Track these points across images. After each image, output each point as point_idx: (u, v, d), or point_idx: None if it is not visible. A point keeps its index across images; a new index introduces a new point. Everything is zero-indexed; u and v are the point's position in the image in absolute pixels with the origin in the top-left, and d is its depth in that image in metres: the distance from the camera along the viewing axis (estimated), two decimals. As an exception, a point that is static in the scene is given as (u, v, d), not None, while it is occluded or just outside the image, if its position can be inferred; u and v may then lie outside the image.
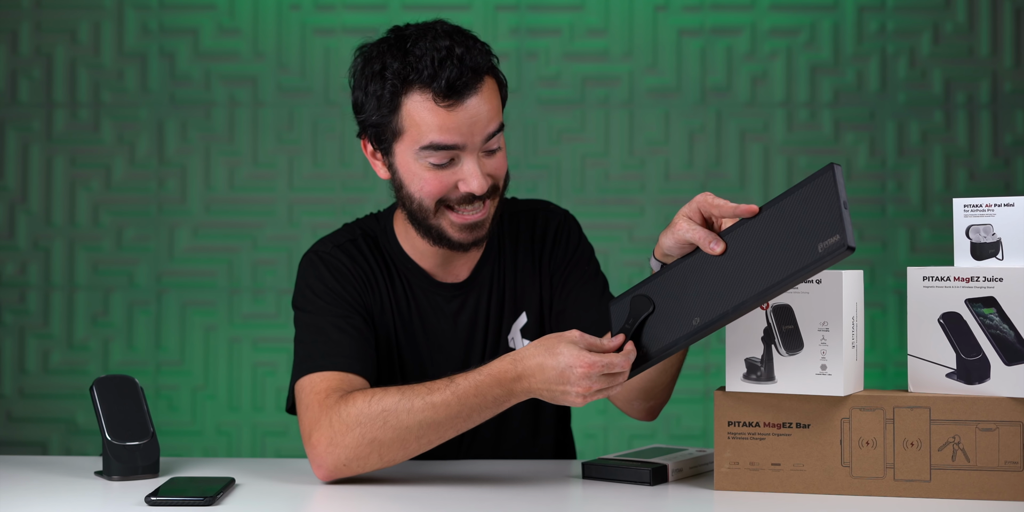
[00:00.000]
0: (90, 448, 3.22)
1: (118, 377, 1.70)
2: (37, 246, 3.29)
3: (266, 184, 3.29)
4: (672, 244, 1.50)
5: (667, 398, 1.75)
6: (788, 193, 1.41)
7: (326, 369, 1.67)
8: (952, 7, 3.28)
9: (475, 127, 1.66)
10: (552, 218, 1.89)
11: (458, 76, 1.64)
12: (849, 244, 1.32)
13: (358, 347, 1.71)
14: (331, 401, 1.61)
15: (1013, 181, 3.28)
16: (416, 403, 1.56)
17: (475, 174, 1.67)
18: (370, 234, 1.85)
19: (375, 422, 1.56)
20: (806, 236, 1.37)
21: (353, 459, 1.58)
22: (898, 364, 3.25)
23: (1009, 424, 1.46)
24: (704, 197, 1.48)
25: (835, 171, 1.36)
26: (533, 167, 3.30)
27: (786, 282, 1.38)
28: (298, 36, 3.30)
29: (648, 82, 3.30)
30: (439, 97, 1.64)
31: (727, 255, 1.45)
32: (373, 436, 1.56)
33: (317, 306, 1.76)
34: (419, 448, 1.58)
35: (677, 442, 3.20)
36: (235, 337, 3.28)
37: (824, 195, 1.36)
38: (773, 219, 1.41)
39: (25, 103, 3.29)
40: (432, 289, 1.83)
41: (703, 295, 1.45)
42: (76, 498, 1.54)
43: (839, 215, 1.34)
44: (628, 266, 3.22)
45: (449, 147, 1.66)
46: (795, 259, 1.37)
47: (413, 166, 1.69)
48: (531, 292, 1.85)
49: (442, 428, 1.56)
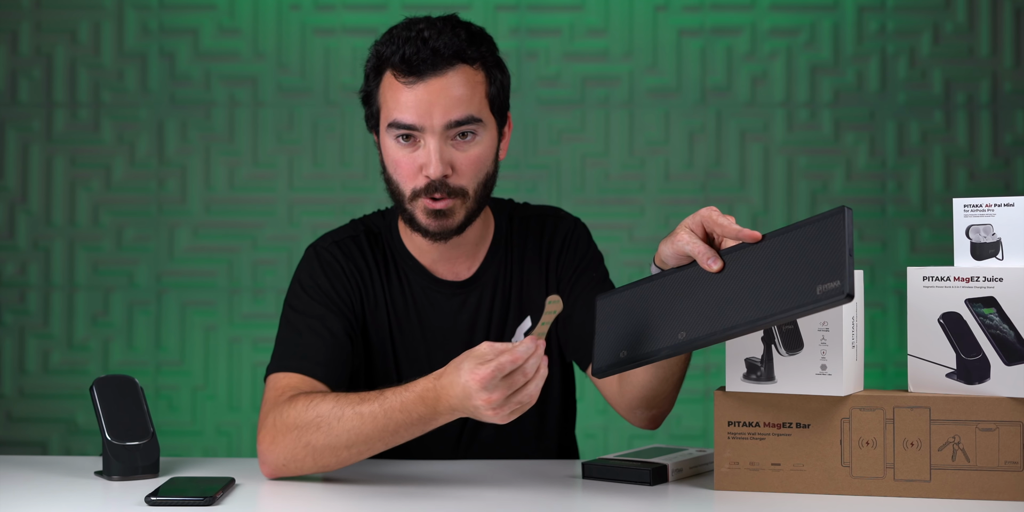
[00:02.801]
0: (90, 448, 3.22)
1: (118, 377, 1.70)
2: (37, 246, 3.29)
3: (266, 184, 3.29)
4: (670, 253, 1.50)
5: (670, 407, 1.74)
6: (795, 227, 1.40)
7: (291, 370, 1.70)
8: (952, 7, 3.28)
9: (433, 108, 1.67)
10: (562, 225, 1.89)
11: (415, 52, 1.66)
12: (847, 291, 1.31)
13: (328, 352, 1.73)
14: (281, 401, 1.64)
15: (1013, 181, 3.28)
16: (346, 412, 1.56)
17: (432, 157, 1.68)
18: (374, 230, 1.86)
19: (309, 427, 1.58)
20: (806, 275, 1.36)
21: (291, 460, 1.60)
22: (898, 364, 3.25)
23: (1009, 424, 1.46)
24: (709, 213, 1.47)
25: (846, 215, 1.35)
26: (533, 167, 3.30)
27: (779, 317, 1.37)
28: (298, 36, 3.30)
29: (648, 82, 3.30)
30: (399, 73, 1.68)
31: (723, 275, 1.44)
32: (307, 440, 1.58)
33: (302, 303, 1.78)
34: (350, 457, 1.58)
35: (677, 442, 3.20)
36: (235, 337, 3.28)
37: (831, 237, 1.35)
38: (776, 250, 1.40)
39: (25, 103, 3.29)
40: (431, 286, 1.83)
41: (692, 311, 1.45)
42: (76, 498, 1.54)
43: (843, 260, 1.33)
44: (628, 266, 3.21)
45: (407, 127, 1.68)
46: (792, 296, 1.36)
47: (388, 145, 1.72)
48: (537, 297, 1.85)
49: (370, 440, 1.56)
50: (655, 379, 1.66)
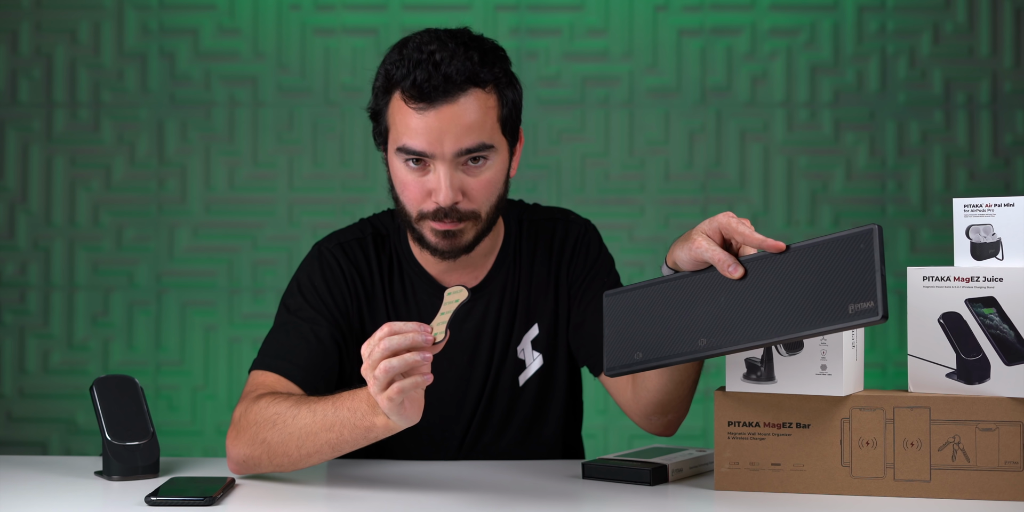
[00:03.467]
0: (90, 448, 3.22)
1: (118, 377, 1.70)
2: (37, 246, 3.29)
3: (266, 184, 3.29)
4: (687, 259, 1.45)
5: (685, 411, 1.72)
6: (822, 241, 1.37)
7: (271, 369, 1.70)
8: (952, 7, 3.28)
9: (444, 136, 1.63)
10: (572, 229, 1.87)
11: (426, 79, 1.62)
12: (883, 313, 1.29)
13: (311, 357, 1.72)
14: (251, 397, 1.64)
15: (1013, 181, 3.28)
16: (302, 409, 1.55)
17: (443, 186, 1.64)
18: (382, 232, 1.84)
19: (266, 424, 1.57)
20: (837, 292, 1.33)
21: (250, 457, 1.59)
22: (898, 364, 3.25)
23: (1009, 424, 1.46)
24: (728, 219, 1.42)
25: (876, 232, 1.32)
26: (533, 167, 3.30)
27: (809, 333, 1.35)
28: (298, 36, 3.30)
29: (648, 82, 3.30)
30: (409, 99, 1.64)
31: (745, 284, 1.41)
32: (263, 437, 1.57)
33: (296, 303, 1.78)
34: (301, 457, 1.56)
35: (677, 442, 3.19)
36: (235, 337, 3.28)
37: (861, 255, 1.33)
38: (802, 263, 1.37)
39: (25, 103, 3.29)
40: (436, 293, 1.80)
41: (714, 317, 1.42)
42: (76, 498, 1.54)
43: (874, 280, 1.31)
44: (628, 266, 3.21)
45: (417, 153, 1.65)
46: (824, 313, 1.34)
47: (396, 166, 1.69)
48: (545, 303, 1.83)
49: (318, 439, 1.53)
50: (670, 382, 1.64)
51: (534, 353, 1.83)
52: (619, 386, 1.74)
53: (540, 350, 1.83)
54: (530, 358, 1.83)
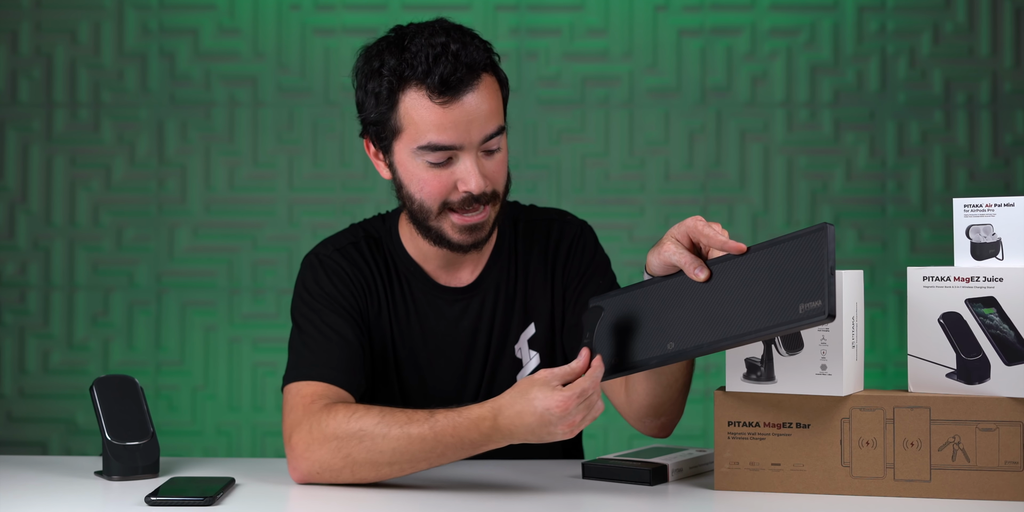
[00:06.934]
0: (90, 448, 3.22)
1: (118, 377, 1.70)
2: (37, 246, 3.29)
3: (266, 184, 3.29)
4: (657, 263, 1.50)
5: (679, 414, 1.73)
6: (778, 241, 1.40)
7: (311, 379, 1.67)
8: (952, 7, 3.28)
9: (472, 126, 1.64)
10: (568, 229, 1.87)
11: (452, 71, 1.62)
12: (829, 312, 1.32)
13: (346, 358, 1.71)
14: (315, 408, 1.61)
15: (1013, 181, 3.28)
16: (393, 430, 1.54)
17: (473, 174, 1.65)
18: (373, 235, 1.84)
19: (351, 440, 1.55)
20: (789, 292, 1.36)
21: (326, 469, 1.58)
22: (898, 364, 3.25)
23: (1009, 424, 1.46)
24: (695, 222, 1.47)
25: (828, 232, 1.35)
26: (533, 167, 3.30)
27: (763, 334, 1.38)
28: (298, 36, 3.30)
29: (648, 82, 3.30)
30: (434, 94, 1.63)
31: (710, 287, 1.45)
32: (347, 452, 1.56)
33: (312, 309, 1.75)
34: (391, 473, 1.56)
35: (677, 442, 3.19)
36: (235, 337, 3.29)
37: (813, 255, 1.35)
38: (760, 264, 1.41)
39: (25, 103, 3.29)
40: (433, 292, 1.81)
41: (681, 321, 1.46)
42: (76, 498, 1.54)
43: (822, 280, 1.33)
44: (628, 266, 3.21)
45: (446, 148, 1.65)
46: (775, 313, 1.37)
47: (411, 165, 1.68)
48: (542, 303, 1.83)
49: (416, 460, 1.55)
50: (659, 386, 1.66)
51: (531, 352, 1.83)
52: (613, 389, 1.74)
53: (537, 349, 1.83)
54: (527, 357, 1.83)
